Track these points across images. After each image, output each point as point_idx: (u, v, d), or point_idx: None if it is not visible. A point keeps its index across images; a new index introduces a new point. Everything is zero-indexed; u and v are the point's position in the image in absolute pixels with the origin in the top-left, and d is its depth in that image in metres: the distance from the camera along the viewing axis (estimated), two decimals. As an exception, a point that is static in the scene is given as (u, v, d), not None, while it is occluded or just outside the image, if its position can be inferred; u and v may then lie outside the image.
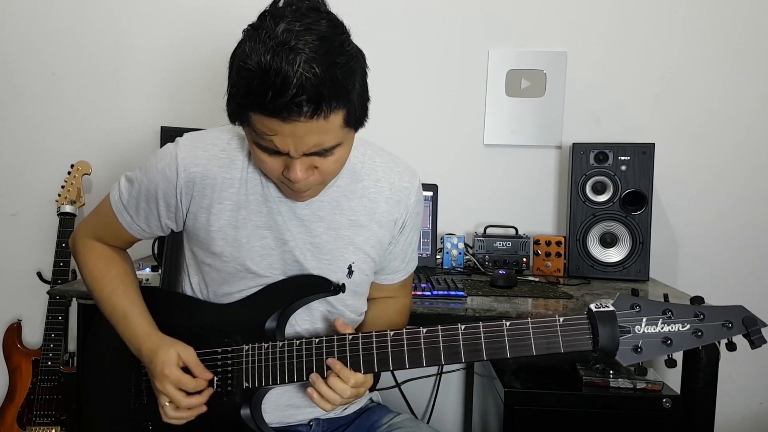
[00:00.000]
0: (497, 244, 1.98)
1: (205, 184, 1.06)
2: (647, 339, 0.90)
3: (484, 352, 0.94)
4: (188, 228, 1.12)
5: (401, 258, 1.21)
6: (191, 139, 1.09)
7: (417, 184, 1.18)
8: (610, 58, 2.09)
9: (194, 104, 2.14)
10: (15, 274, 2.20)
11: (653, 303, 0.91)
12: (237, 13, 2.12)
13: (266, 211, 1.07)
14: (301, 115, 0.86)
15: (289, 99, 0.84)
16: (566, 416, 1.50)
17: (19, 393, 2.05)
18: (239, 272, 1.08)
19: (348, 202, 1.11)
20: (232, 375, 1.04)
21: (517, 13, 2.10)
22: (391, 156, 1.18)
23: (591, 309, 0.92)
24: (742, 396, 2.12)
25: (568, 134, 2.10)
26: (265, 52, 0.85)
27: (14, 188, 2.20)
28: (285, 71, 0.83)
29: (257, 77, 0.85)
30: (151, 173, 1.08)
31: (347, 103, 0.90)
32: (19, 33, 2.16)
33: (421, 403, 2.16)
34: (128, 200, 1.12)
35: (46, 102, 2.17)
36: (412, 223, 1.19)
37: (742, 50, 2.06)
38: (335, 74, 0.86)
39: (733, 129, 2.08)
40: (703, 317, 0.90)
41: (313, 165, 0.96)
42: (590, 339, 0.91)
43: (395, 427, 1.19)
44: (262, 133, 0.91)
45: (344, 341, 1.00)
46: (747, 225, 2.10)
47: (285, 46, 0.84)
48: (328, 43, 0.87)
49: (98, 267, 1.17)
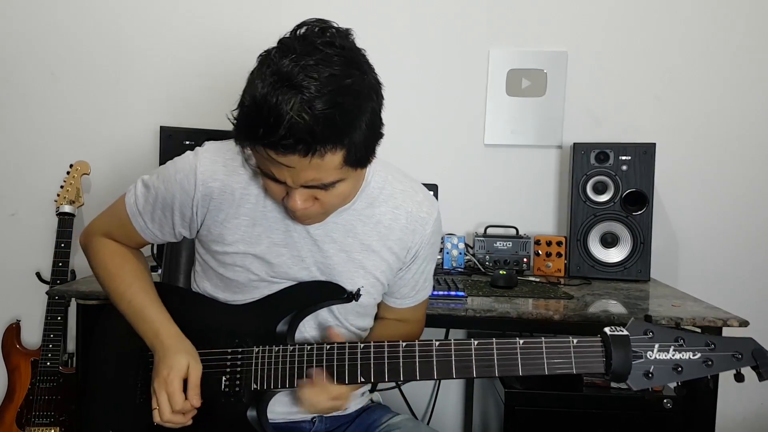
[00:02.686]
0: (498, 244, 1.98)
1: (222, 199, 1.06)
2: (658, 365, 0.91)
3: (497, 368, 0.94)
4: (202, 238, 1.12)
5: (411, 285, 1.19)
6: (212, 151, 1.07)
7: (435, 215, 1.16)
8: (611, 58, 2.09)
9: (194, 104, 2.14)
10: (14, 274, 2.19)
11: (666, 330, 0.93)
12: (236, 12, 2.13)
13: (283, 228, 1.07)
14: (295, 153, 0.85)
15: (277, 139, 0.83)
16: (567, 417, 1.50)
17: (18, 393, 2.05)
18: (251, 282, 1.08)
19: (363, 226, 1.10)
20: (240, 376, 1.04)
21: (518, 13, 2.09)
22: (413, 183, 1.16)
23: (605, 332, 0.93)
24: (743, 397, 2.12)
25: (568, 134, 2.09)
26: (263, 87, 0.84)
27: (14, 188, 2.19)
28: (278, 110, 0.82)
29: (253, 111, 0.85)
30: (168, 182, 1.08)
31: (346, 144, 0.87)
32: (19, 33, 2.16)
33: (422, 404, 2.15)
34: (144, 206, 1.12)
35: (46, 102, 2.17)
36: (426, 254, 1.17)
37: (743, 50, 2.06)
38: (334, 116, 0.83)
39: (733, 129, 2.08)
40: (714, 347, 0.91)
41: (313, 196, 0.95)
42: (603, 362, 0.92)
43: (394, 427, 1.19)
44: (262, 159, 0.91)
45: (356, 349, 1.00)
46: (747, 225, 2.09)
47: (285, 83, 0.83)
48: (334, 82, 0.84)
49: (114, 263, 1.15)
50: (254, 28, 2.12)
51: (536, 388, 1.53)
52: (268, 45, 0.91)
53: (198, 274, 1.17)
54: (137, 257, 1.20)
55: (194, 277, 1.18)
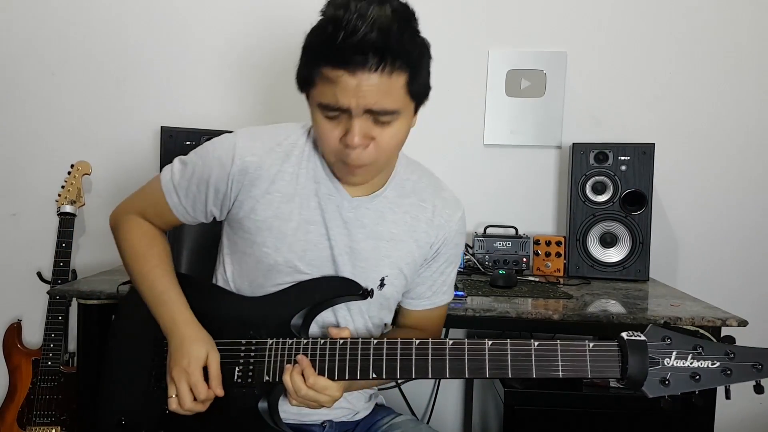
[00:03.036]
0: (497, 244, 1.98)
1: (258, 175, 1.07)
2: (676, 372, 0.89)
3: (510, 370, 0.94)
4: (233, 217, 1.12)
5: (428, 285, 1.20)
6: (251, 131, 1.11)
7: (459, 215, 1.18)
8: (610, 58, 2.09)
9: (194, 104, 2.14)
10: (15, 274, 2.19)
11: (684, 337, 0.91)
12: (237, 12, 2.13)
13: (315, 206, 1.09)
14: (366, 66, 0.89)
15: (357, 43, 0.88)
16: (566, 416, 1.50)
17: (19, 393, 2.05)
18: (278, 265, 1.09)
19: (392, 215, 1.12)
20: (253, 367, 1.05)
21: (517, 14, 2.10)
22: (440, 182, 1.20)
23: (622, 337, 0.91)
24: (742, 396, 2.11)
25: (568, 134, 2.10)
26: (342, 4, 0.91)
27: (14, 188, 2.20)
28: (360, 14, 0.89)
29: (331, 23, 0.90)
30: (206, 158, 1.10)
31: (411, 68, 0.94)
32: (19, 33, 2.16)
33: (422, 404, 2.16)
34: (179, 181, 1.13)
35: (46, 102, 2.17)
36: (449, 254, 1.19)
37: (742, 50, 2.06)
38: (404, 36, 0.92)
39: (733, 129, 2.08)
40: (734, 356, 0.89)
41: (370, 135, 0.96)
42: (619, 367, 0.91)
43: (396, 427, 1.20)
44: (326, 88, 0.93)
45: (369, 345, 1.00)
46: (747, 225, 2.10)
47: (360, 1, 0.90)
48: (406, 14, 0.95)
49: (142, 244, 1.16)
50: (254, 28, 2.12)
51: (536, 388, 1.54)
52: (268, 45, 0.93)
53: (225, 257, 1.18)
54: (164, 241, 1.21)
55: (219, 264, 1.19)
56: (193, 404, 1.01)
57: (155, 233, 1.19)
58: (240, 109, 2.13)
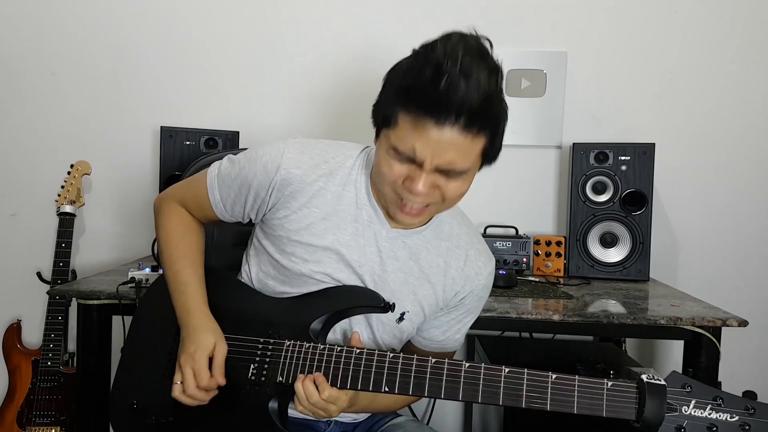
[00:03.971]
0: (497, 244, 1.98)
1: (300, 188, 1.08)
2: (692, 421, 0.88)
3: (524, 400, 0.93)
4: (266, 222, 1.13)
5: (443, 330, 1.19)
6: (301, 143, 1.11)
7: (490, 269, 1.18)
8: (610, 58, 2.09)
9: (194, 104, 2.14)
10: (15, 274, 2.19)
11: (705, 387, 0.90)
12: (237, 12, 2.13)
13: (352, 231, 1.09)
14: (456, 124, 0.89)
15: (458, 97, 0.87)
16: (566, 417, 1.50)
17: (18, 393, 2.05)
18: (303, 275, 1.09)
19: (427, 254, 1.12)
20: (268, 367, 1.05)
21: (517, 13, 2.10)
22: (477, 232, 1.20)
23: (642, 379, 0.91)
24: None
25: (568, 134, 2.10)
26: (450, 53, 0.89)
27: (14, 188, 2.20)
28: (460, 76, 0.87)
29: (433, 69, 0.88)
30: (253, 162, 1.10)
31: (492, 135, 0.95)
32: (19, 33, 2.16)
33: (422, 404, 2.15)
34: (224, 179, 1.14)
35: (46, 102, 2.17)
36: (471, 306, 1.18)
37: (742, 50, 2.06)
38: (494, 105, 0.92)
39: (733, 129, 2.08)
40: (754, 412, 0.88)
41: (436, 184, 0.96)
42: (635, 409, 0.90)
43: (396, 427, 1.20)
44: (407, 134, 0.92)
45: (384, 358, 1.00)
46: (747, 225, 2.10)
47: (465, 61, 0.88)
48: (496, 81, 0.92)
49: (178, 231, 1.18)
50: (255, 27, 2.12)
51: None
52: (267, 43, 0.93)
53: (251, 258, 1.18)
54: (200, 234, 1.22)
55: (247, 260, 1.20)
56: (196, 391, 1.02)
57: (192, 223, 1.20)
58: (240, 109, 2.13)
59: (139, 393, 1.14)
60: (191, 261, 1.15)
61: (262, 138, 2.06)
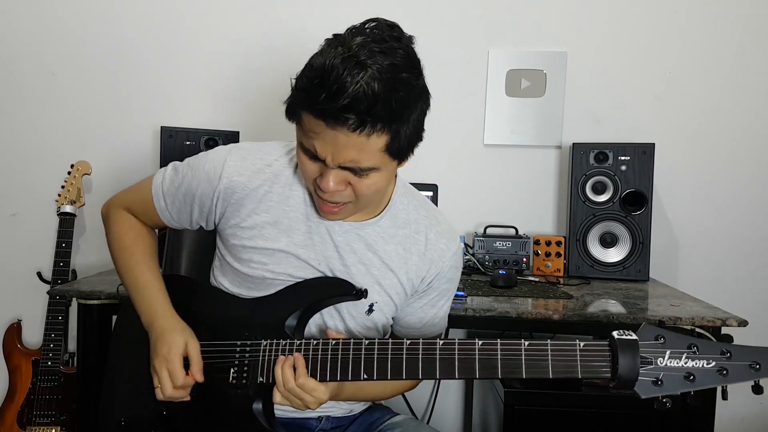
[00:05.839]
0: (497, 244, 1.98)
1: (245, 195, 1.07)
2: (669, 372, 0.86)
3: (500, 370, 0.92)
4: (221, 231, 1.13)
5: (419, 317, 1.17)
6: (244, 149, 1.11)
7: (454, 249, 1.15)
8: (610, 58, 2.09)
9: (194, 104, 2.14)
10: (15, 274, 2.19)
11: (679, 336, 0.88)
12: (237, 12, 2.13)
13: (305, 230, 1.08)
14: (345, 126, 0.87)
15: (338, 108, 0.86)
16: (566, 416, 1.50)
17: (19, 393, 2.05)
18: (266, 280, 1.09)
19: (384, 244, 1.11)
20: (248, 368, 1.05)
21: (517, 13, 2.10)
22: (436, 212, 1.18)
23: (613, 336, 0.89)
24: (742, 396, 2.11)
25: (568, 134, 2.10)
26: (334, 57, 0.87)
27: (14, 188, 2.20)
28: (344, 79, 0.85)
29: (318, 77, 0.88)
30: (196, 171, 1.10)
31: (393, 130, 0.91)
32: (19, 33, 2.16)
33: (422, 404, 2.16)
34: (168, 188, 1.14)
35: (46, 102, 2.17)
36: (441, 288, 1.16)
37: (742, 50, 2.06)
38: (390, 99, 0.88)
39: (733, 129, 2.08)
40: (730, 356, 0.86)
41: (347, 180, 0.96)
42: (609, 366, 0.88)
43: (395, 426, 1.20)
44: (308, 132, 0.92)
45: (360, 345, 0.99)
46: (747, 225, 2.10)
47: (354, 58, 0.87)
48: (393, 71, 0.89)
49: (128, 237, 1.18)
50: (255, 28, 2.12)
51: (536, 388, 1.53)
52: (267, 45, 0.92)
53: (216, 269, 1.18)
54: (151, 237, 1.22)
55: (213, 273, 1.20)
56: (173, 391, 1.02)
57: (141, 228, 1.20)
58: (240, 109, 2.13)
59: (125, 410, 1.15)
60: (147, 265, 1.15)
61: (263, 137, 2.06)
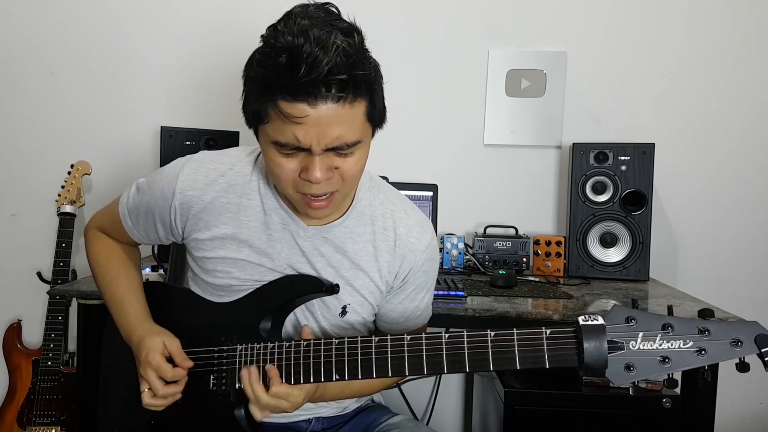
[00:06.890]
0: (497, 244, 1.98)
1: (201, 208, 1.07)
2: (642, 357, 0.80)
3: (467, 363, 0.89)
4: (186, 245, 1.13)
5: (400, 312, 1.14)
6: (198, 161, 1.09)
7: (426, 241, 1.11)
8: (610, 58, 2.09)
9: (194, 104, 2.14)
10: (15, 274, 2.19)
11: (652, 316, 0.82)
12: (237, 12, 2.13)
13: (266, 239, 1.06)
14: (329, 97, 0.85)
15: (320, 79, 0.83)
16: (566, 416, 1.50)
17: (19, 393, 2.05)
18: (233, 287, 1.08)
19: (353, 245, 1.08)
20: (226, 374, 1.04)
21: (517, 13, 2.10)
22: (405, 204, 1.13)
23: (578, 321, 0.83)
24: (742, 396, 2.12)
25: (568, 134, 2.10)
26: (298, 32, 0.84)
27: (14, 188, 2.20)
28: (315, 51, 0.82)
29: (287, 55, 0.84)
30: (152, 188, 1.10)
31: (371, 95, 0.91)
32: (19, 33, 2.16)
33: (421, 404, 2.16)
34: (132, 208, 1.15)
35: (46, 102, 2.17)
36: (418, 282, 1.12)
37: (742, 50, 2.06)
38: (363, 62, 0.88)
39: (733, 129, 2.08)
40: (709, 333, 0.80)
41: (333, 165, 0.92)
42: (576, 354, 0.83)
43: (393, 427, 1.19)
44: (285, 122, 0.87)
45: (330, 346, 0.97)
46: (747, 225, 2.10)
47: (315, 28, 0.84)
48: (355, 36, 0.87)
49: (103, 254, 1.21)
50: (255, 28, 2.12)
51: (536, 388, 1.54)
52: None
53: (190, 280, 1.18)
54: (128, 253, 1.23)
55: (188, 284, 1.20)
56: (165, 389, 1.01)
57: (115, 246, 1.22)
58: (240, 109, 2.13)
59: (118, 423, 1.16)
60: (123, 279, 1.16)
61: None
